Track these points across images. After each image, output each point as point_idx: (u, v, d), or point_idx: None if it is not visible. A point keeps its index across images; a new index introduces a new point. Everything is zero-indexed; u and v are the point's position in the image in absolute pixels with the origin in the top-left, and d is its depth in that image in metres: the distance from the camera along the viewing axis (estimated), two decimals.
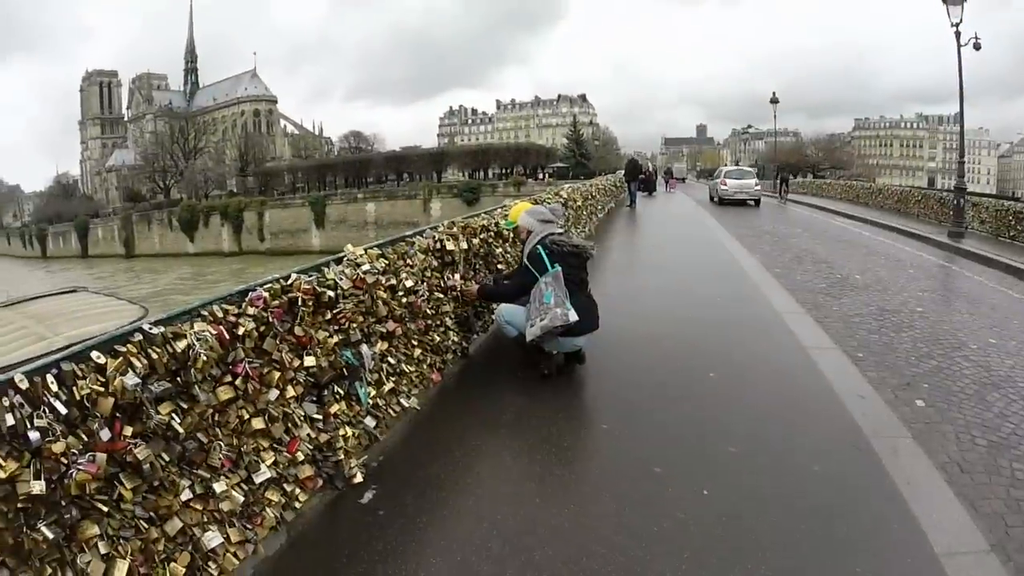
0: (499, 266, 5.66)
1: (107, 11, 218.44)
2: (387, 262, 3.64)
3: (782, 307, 7.20)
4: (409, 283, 3.79)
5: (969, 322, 7.37)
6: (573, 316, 4.26)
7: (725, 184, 25.87)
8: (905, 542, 2.82)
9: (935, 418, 4.48)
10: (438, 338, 4.43)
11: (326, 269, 3.16)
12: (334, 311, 3.08)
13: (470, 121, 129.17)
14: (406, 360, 3.91)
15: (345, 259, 3.38)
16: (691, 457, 3.53)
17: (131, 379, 2.04)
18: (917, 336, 6.59)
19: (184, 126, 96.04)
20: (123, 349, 2.10)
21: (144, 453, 2.06)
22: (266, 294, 2.68)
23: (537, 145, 73.03)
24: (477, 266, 5.21)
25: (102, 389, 1.98)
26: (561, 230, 4.81)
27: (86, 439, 1.93)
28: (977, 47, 15.94)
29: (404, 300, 3.79)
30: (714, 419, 4.04)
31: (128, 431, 2.05)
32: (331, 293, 3.02)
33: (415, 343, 4.05)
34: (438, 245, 4.46)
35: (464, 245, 4.79)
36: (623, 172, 26.14)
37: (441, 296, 4.46)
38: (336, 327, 3.12)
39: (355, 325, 3.24)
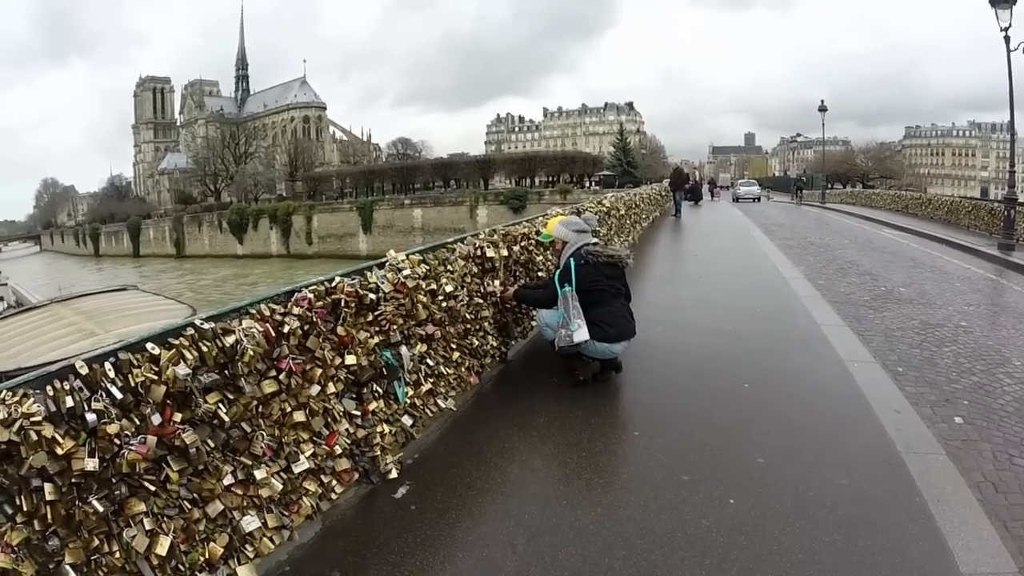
0: (540, 273, 5.78)
1: (163, 18, 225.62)
2: (428, 268, 3.80)
3: (822, 319, 7.09)
4: (449, 288, 3.94)
5: (1015, 338, 7.12)
6: (580, 336, 4.38)
7: (739, 189, 45.05)
8: (929, 560, 2.77)
9: (972, 436, 4.35)
10: (477, 342, 4.57)
11: (369, 273, 3.32)
12: (375, 313, 3.24)
13: (517, 129, 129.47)
14: (444, 362, 4.06)
15: (388, 264, 3.53)
16: (719, 466, 3.55)
17: (182, 369, 2.20)
18: (960, 351, 6.41)
19: (235, 131, 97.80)
20: (176, 342, 2.26)
21: (191, 438, 2.21)
22: (311, 295, 2.85)
23: (584, 153, 72.54)
24: (518, 273, 5.35)
25: (155, 377, 2.15)
26: (596, 240, 4.91)
27: (138, 423, 2.10)
28: None
29: (444, 304, 3.95)
30: (745, 430, 4.05)
31: (177, 417, 2.20)
32: (373, 296, 3.19)
33: (454, 346, 4.20)
34: (479, 252, 4.61)
35: (504, 252, 4.94)
36: (668, 181, 25.89)
37: (480, 301, 4.61)
38: (377, 328, 3.28)
39: (395, 327, 3.40)
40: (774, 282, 9.56)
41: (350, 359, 3.05)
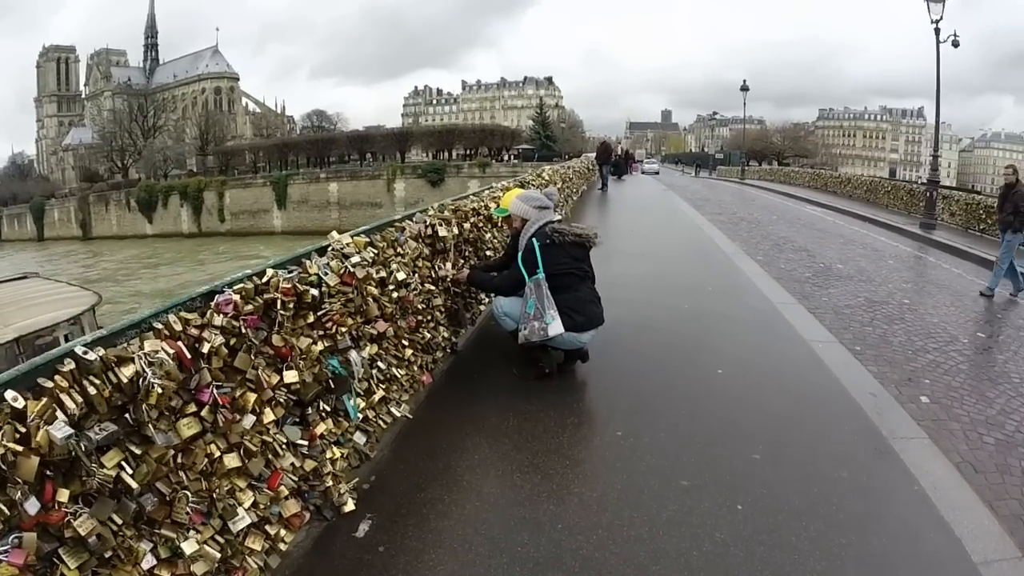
0: (487, 253, 5.25)
1: None
2: (376, 251, 3.18)
3: (774, 297, 7.02)
4: (401, 275, 3.33)
5: (956, 315, 7.42)
6: (555, 329, 3.93)
7: (644, 165, 49.30)
8: (944, 552, 2.72)
9: (941, 415, 4.44)
10: (428, 335, 3.99)
11: (308, 262, 2.66)
12: (319, 313, 2.63)
13: (435, 101, 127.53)
14: (397, 363, 3.48)
15: (330, 249, 2.87)
16: (716, 467, 3.22)
17: (60, 429, 1.50)
18: (910, 329, 6.57)
19: (143, 104, 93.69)
20: (48, 384, 1.54)
21: (87, 525, 1.55)
22: (236, 297, 2.18)
23: (502, 127, 71.83)
24: (467, 253, 4.80)
25: (20, 447, 1.45)
26: (559, 217, 4.39)
27: (7, 514, 1.43)
28: (956, 44, 16.05)
29: (395, 295, 3.34)
30: (731, 422, 3.76)
31: (64, 495, 1.53)
32: (315, 292, 2.56)
33: (406, 343, 3.61)
34: (430, 231, 4.02)
35: (455, 231, 4.38)
36: (594, 155, 25.72)
37: (432, 288, 4.02)
38: (321, 332, 2.66)
39: (344, 329, 2.80)
40: (717, 258, 9.46)
41: (290, 376, 2.40)
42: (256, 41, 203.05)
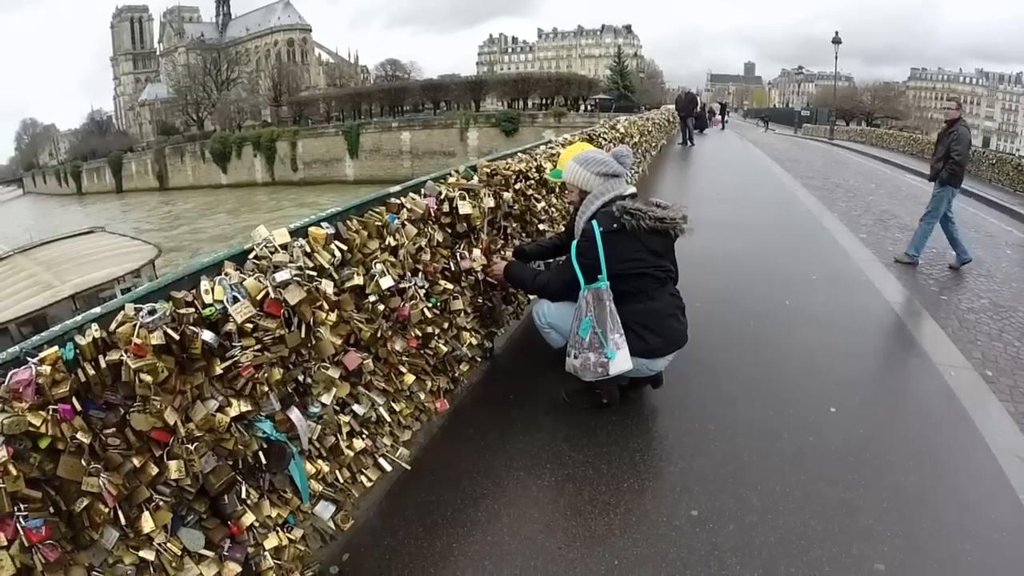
0: (541, 227, 4.15)
1: None
2: (345, 249, 2.20)
3: (890, 295, 5.58)
4: (387, 281, 2.35)
5: None
6: (619, 366, 2.87)
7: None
8: None
9: None
10: (445, 348, 2.98)
11: (204, 284, 1.71)
12: (224, 364, 1.71)
13: (510, 50, 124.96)
14: (390, 396, 2.53)
15: (250, 259, 1.89)
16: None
17: None
18: None
19: (216, 58, 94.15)
20: None
21: None
22: (44, 371, 1.37)
23: (579, 76, 68.89)
24: (510, 231, 3.73)
25: None
26: (633, 190, 3.17)
27: None
28: None
29: (380, 309, 2.38)
30: (851, 505, 2.59)
31: None
32: (208, 337, 1.63)
33: (403, 369, 2.64)
34: (446, 207, 2.97)
35: (490, 203, 3.29)
36: (675, 106, 23.50)
37: (449, 286, 2.99)
38: (230, 390, 1.76)
39: (268, 383, 1.87)
40: (817, 235, 8.03)
41: (174, 468, 1.57)
42: None
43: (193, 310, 1.62)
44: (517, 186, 3.74)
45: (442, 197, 2.93)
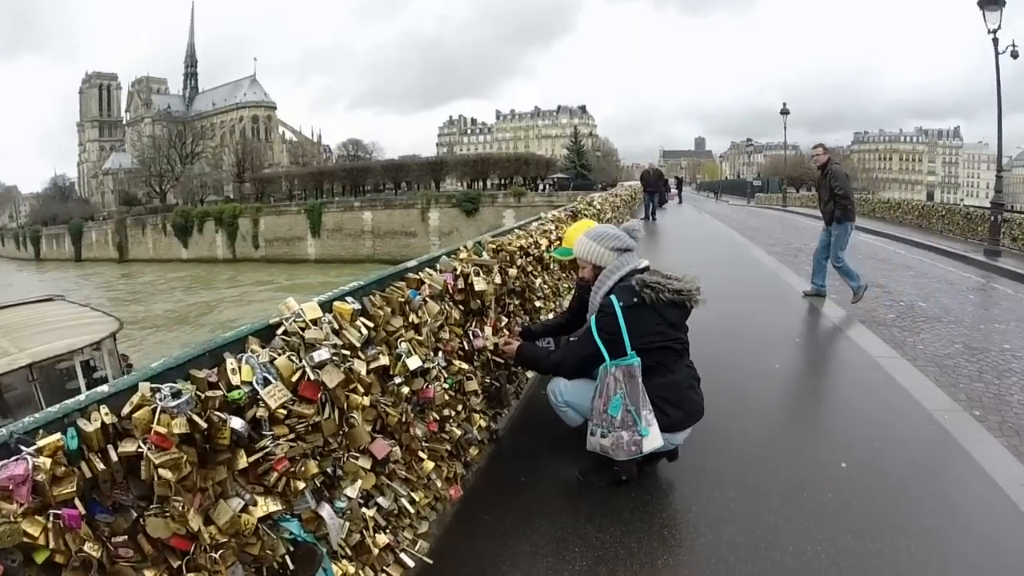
0: (537, 304, 4.10)
1: (116, 14, 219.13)
2: (372, 326, 2.08)
3: (870, 348, 5.79)
4: (414, 361, 2.20)
5: None
6: (652, 444, 2.80)
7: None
8: None
9: None
10: (458, 432, 2.83)
11: (229, 363, 1.53)
12: (252, 458, 1.53)
13: (469, 131, 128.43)
14: (411, 487, 2.36)
15: (279, 336, 1.72)
16: None
17: None
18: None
19: (182, 130, 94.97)
20: None
21: None
22: (44, 462, 1.13)
23: (537, 156, 70.78)
24: (511, 308, 3.66)
25: None
26: (646, 263, 3.14)
27: None
28: (1015, 55, 15.11)
29: (406, 391, 2.23)
30: (883, 539, 2.65)
31: None
32: (238, 425, 1.45)
33: (423, 455, 2.48)
34: (461, 282, 2.88)
35: (497, 280, 3.23)
36: (640, 182, 24.06)
37: (463, 366, 2.86)
38: (261, 487, 1.57)
39: (302, 482, 1.68)
40: (790, 299, 8.20)
41: None
42: (297, 71, 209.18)
43: (219, 393, 1.44)
44: (519, 262, 3.70)
45: (457, 273, 2.85)
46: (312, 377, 1.61)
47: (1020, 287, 10.76)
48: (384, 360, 2.03)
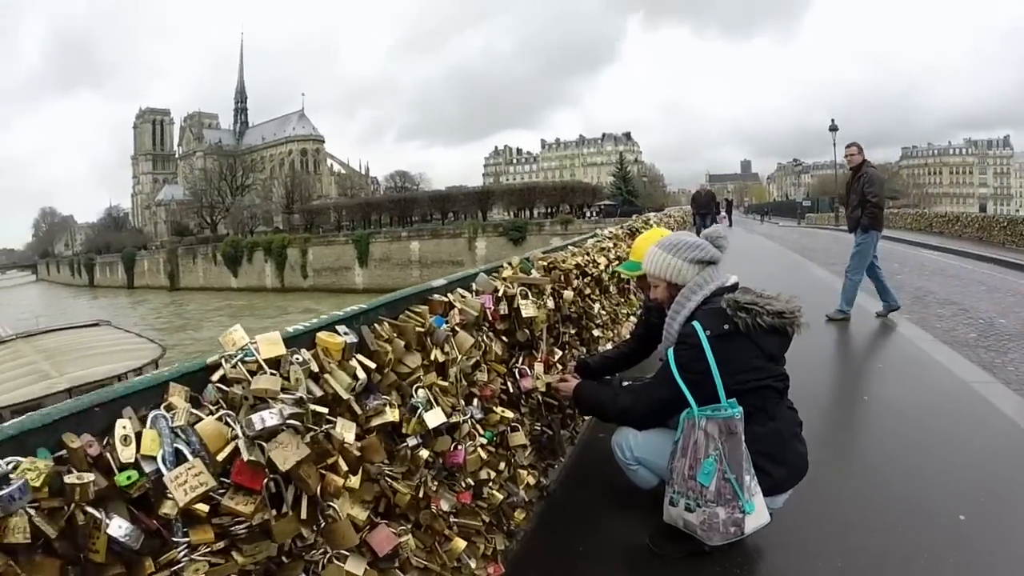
0: (595, 333, 3.51)
1: (170, 52, 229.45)
2: (375, 365, 1.54)
3: (961, 372, 5.08)
4: (435, 417, 1.64)
5: None
6: (756, 522, 2.20)
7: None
8: None
9: None
10: (499, 496, 2.22)
11: (122, 424, 1.01)
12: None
13: (515, 161, 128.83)
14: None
15: (212, 384, 1.20)
16: None
17: None
18: None
19: (232, 164, 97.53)
20: None
21: None
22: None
23: (583, 183, 70.20)
24: (566, 339, 3.07)
25: None
26: (736, 279, 2.51)
27: None
28: None
29: (424, 454, 1.68)
30: None
31: None
32: (119, 533, 0.93)
33: (450, 533, 1.88)
34: (504, 308, 2.30)
35: (550, 304, 2.63)
36: (691, 204, 23.13)
37: (508, 414, 2.26)
38: None
39: None
40: (866, 320, 7.32)
41: None
42: (344, 105, 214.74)
43: (91, 476, 0.92)
44: (575, 283, 3.11)
45: (500, 295, 2.27)
46: (248, 456, 1.06)
47: None
48: (391, 415, 1.50)
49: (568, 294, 2.96)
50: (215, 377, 1.18)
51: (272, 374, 1.18)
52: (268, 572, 1.18)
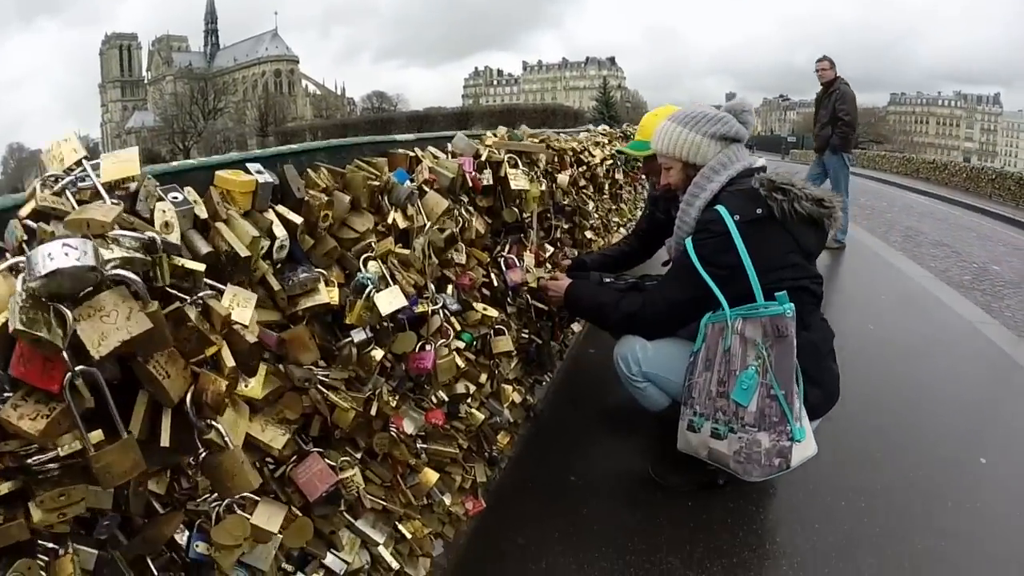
0: (587, 235, 3.08)
1: None
2: (301, 222, 1.05)
3: (964, 311, 4.89)
4: (391, 300, 1.15)
5: None
6: (804, 452, 1.77)
7: None
8: None
9: None
10: (480, 415, 1.78)
11: None
12: None
13: (495, 83, 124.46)
14: (393, 519, 1.36)
15: (14, 223, 0.72)
16: None
17: None
18: None
19: (204, 87, 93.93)
20: None
21: None
22: None
23: (565, 107, 69.04)
24: (558, 236, 2.62)
25: None
26: (763, 161, 2.00)
27: None
28: None
29: (378, 355, 1.21)
30: None
31: None
32: None
33: (416, 462, 1.45)
34: (487, 177, 1.81)
35: (540, 187, 2.12)
36: None
37: (492, 313, 1.78)
38: None
39: None
40: (861, 252, 7.09)
41: None
42: (320, 24, 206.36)
43: None
44: (571, 171, 2.62)
45: (483, 159, 1.78)
46: (16, 326, 0.59)
47: None
48: (326, 295, 1.04)
49: (563, 177, 2.50)
50: (24, 211, 0.72)
51: (115, 203, 0.71)
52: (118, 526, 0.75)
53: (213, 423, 0.80)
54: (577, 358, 3.28)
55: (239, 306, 0.82)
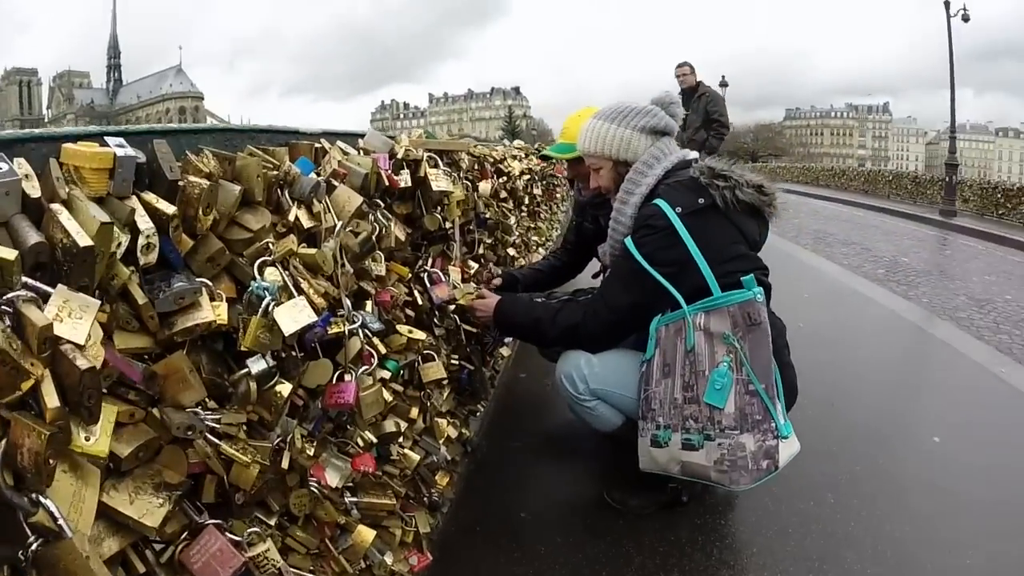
0: (509, 251, 2.92)
1: (34, 3, 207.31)
2: (172, 214, 0.78)
3: (888, 302, 5.32)
4: (294, 315, 0.89)
5: None
6: (790, 449, 1.63)
7: None
8: None
9: None
10: (415, 456, 1.54)
11: None
12: None
13: (402, 115, 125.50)
14: None
15: None
16: None
17: None
18: None
19: (106, 125, 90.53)
20: None
21: None
22: None
23: (471, 137, 69.86)
24: (481, 252, 2.41)
25: None
26: (695, 154, 1.94)
27: None
28: (966, 19, 14.75)
29: (283, 392, 0.93)
30: None
31: None
32: None
33: (345, 520, 1.17)
34: (405, 177, 1.57)
35: (460, 193, 1.91)
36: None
37: (419, 335, 1.55)
38: None
39: None
40: (783, 258, 7.26)
41: None
42: (226, 59, 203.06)
43: None
44: (493, 181, 2.45)
45: (399, 157, 1.55)
46: None
47: (988, 244, 10.49)
48: (210, 312, 0.80)
49: (485, 186, 2.30)
50: None
51: None
52: None
53: (40, 498, 0.55)
54: (509, 384, 3.07)
55: (70, 316, 0.58)
